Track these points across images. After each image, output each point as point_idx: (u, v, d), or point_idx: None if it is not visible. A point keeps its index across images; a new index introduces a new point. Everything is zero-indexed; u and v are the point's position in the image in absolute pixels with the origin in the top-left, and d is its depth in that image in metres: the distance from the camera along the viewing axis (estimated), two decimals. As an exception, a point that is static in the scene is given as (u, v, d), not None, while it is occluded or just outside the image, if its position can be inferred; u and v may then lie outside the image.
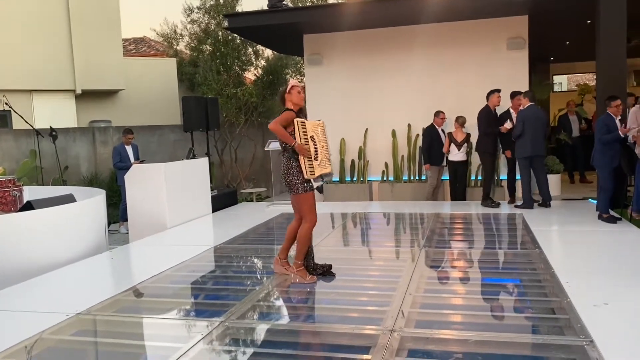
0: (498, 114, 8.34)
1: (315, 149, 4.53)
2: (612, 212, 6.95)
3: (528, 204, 7.85)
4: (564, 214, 7.46)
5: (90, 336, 3.80)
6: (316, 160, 4.52)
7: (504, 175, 9.59)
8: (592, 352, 3.05)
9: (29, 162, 9.31)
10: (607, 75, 8.22)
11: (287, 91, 4.64)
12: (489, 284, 4.62)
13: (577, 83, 18.23)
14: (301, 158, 4.49)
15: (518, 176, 8.30)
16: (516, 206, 8.03)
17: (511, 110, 8.29)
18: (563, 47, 13.09)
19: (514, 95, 8.35)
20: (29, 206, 5.84)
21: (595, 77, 9.52)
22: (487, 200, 8.29)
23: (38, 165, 9.29)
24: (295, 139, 4.49)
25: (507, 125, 8.00)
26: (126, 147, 9.32)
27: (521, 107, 7.89)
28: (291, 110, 4.59)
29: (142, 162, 8.89)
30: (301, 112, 4.71)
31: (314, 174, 4.52)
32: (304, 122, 4.54)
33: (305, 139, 4.49)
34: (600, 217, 6.81)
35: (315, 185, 4.62)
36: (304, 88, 4.87)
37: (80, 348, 3.63)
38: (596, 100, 9.22)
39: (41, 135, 9.31)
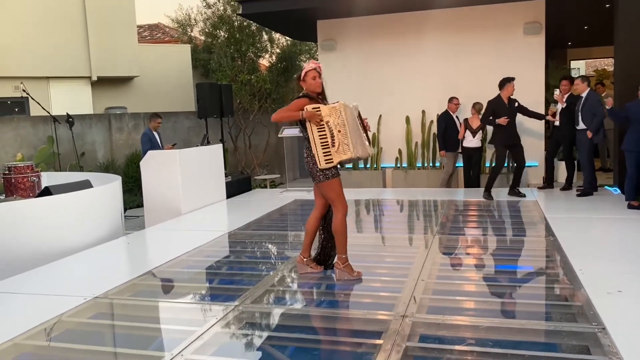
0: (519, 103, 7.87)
1: (332, 135, 4.17)
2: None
3: (594, 187, 7.65)
4: (579, 200, 7.39)
5: (107, 319, 3.89)
6: (333, 146, 4.16)
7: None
8: (604, 339, 3.04)
9: (47, 149, 9.45)
10: (626, 60, 8.10)
11: (302, 78, 4.26)
12: (501, 270, 4.62)
13: (595, 68, 17.95)
14: (313, 147, 4.15)
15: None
16: (578, 195, 7.58)
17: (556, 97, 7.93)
18: (581, 32, 12.88)
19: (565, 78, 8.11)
20: (47, 192, 5.94)
21: (613, 62, 9.36)
22: (488, 191, 7.81)
23: (55, 152, 9.42)
24: (307, 128, 4.16)
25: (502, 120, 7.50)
26: (154, 133, 8.98)
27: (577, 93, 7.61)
28: (304, 96, 4.22)
29: (174, 145, 8.55)
30: (321, 96, 4.32)
31: (332, 162, 4.16)
32: (317, 107, 4.14)
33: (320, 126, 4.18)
34: (629, 205, 6.60)
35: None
36: (319, 70, 4.42)
37: (97, 330, 3.71)
38: (614, 86, 9.09)
39: (58, 122, 9.43)
